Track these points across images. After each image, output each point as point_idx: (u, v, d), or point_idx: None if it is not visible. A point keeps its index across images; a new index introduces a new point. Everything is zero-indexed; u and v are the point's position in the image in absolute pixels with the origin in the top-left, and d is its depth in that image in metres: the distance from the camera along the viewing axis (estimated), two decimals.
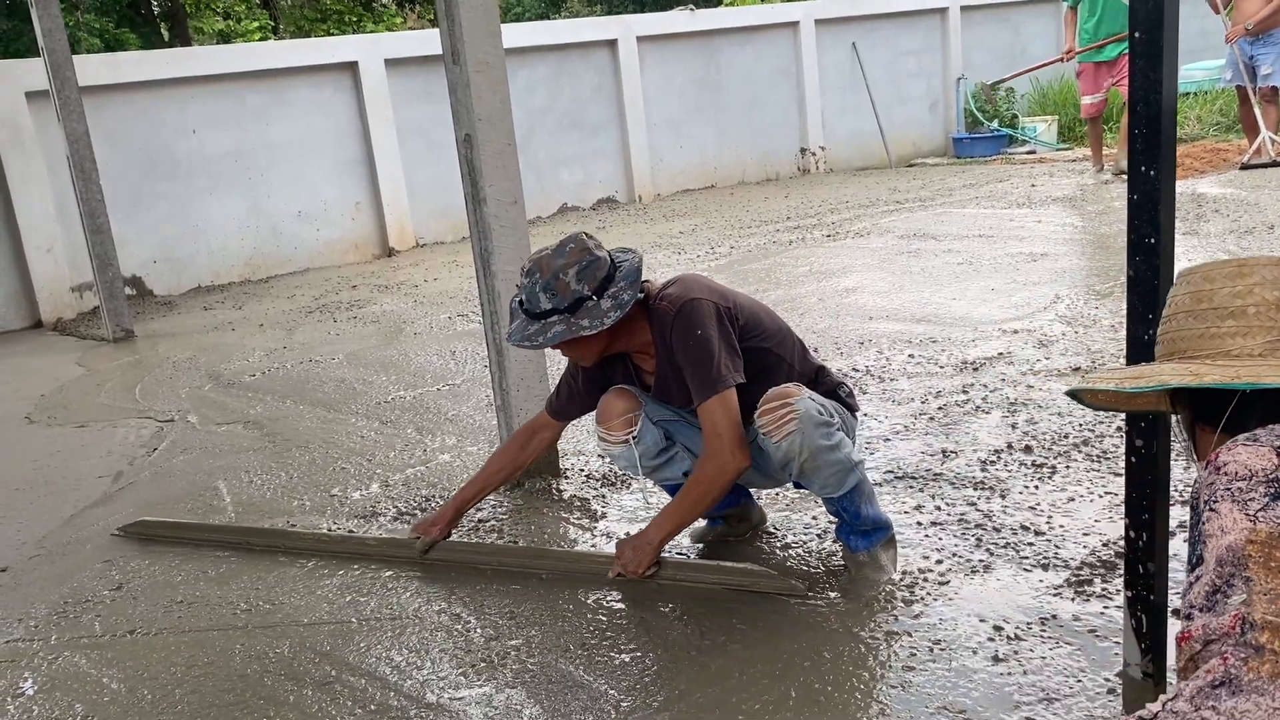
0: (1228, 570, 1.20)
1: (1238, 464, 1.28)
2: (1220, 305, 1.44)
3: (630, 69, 10.81)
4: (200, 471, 4.17)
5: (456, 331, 6.14)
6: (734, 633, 2.57)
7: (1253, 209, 7.00)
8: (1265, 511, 1.22)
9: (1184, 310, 1.48)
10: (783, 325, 2.82)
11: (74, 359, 6.53)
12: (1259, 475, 1.26)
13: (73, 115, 6.69)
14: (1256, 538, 1.20)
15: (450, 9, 3.35)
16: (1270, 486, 1.25)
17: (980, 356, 4.54)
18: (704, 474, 2.65)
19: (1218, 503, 1.27)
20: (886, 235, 7.71)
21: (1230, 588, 1.19)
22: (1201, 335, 1.45)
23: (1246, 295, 1.43)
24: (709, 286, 2.71)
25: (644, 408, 2.81)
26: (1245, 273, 1.44)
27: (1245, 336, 1.41)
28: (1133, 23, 1.85)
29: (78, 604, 3.09)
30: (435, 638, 2.70)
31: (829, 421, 2.60)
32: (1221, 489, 1.28)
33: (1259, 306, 1.42)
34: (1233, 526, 1.23)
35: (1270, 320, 1.41)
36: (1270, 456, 1.27)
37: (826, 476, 2.62)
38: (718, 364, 2.58)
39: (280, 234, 8.97)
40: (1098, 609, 2.50)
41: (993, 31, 13.41)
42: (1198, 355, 1.45)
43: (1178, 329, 1.48)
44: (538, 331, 2.64)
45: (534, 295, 2.63)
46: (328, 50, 9.30)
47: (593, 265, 2.63)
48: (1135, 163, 1.89)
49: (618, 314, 2.59)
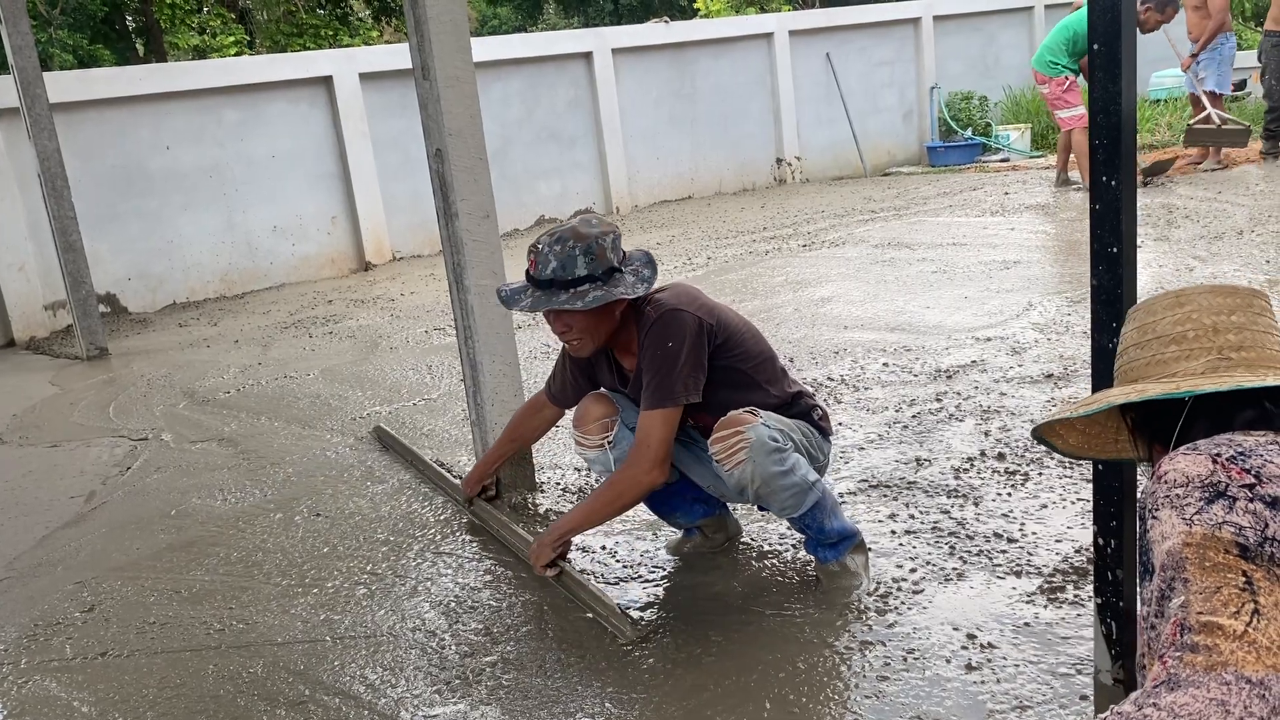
0: (1169, 575, 1.24)
1: (1176, 472, 1.34)
2: (1163, 334, 1.53)
3: (606, 81, 10.84)
4: (174, 490, 4.14)
5: (433, 345, 6.12)
6: (709, 645, 2.57)
7: (1221, 215, 7.08)
8: (1199, 515, 1.27)
9: (1132, 344, 1.57)
10: (766, 350, 2.81)
11: (47, 378, 6.47)
12: (1194, 481, 1.31)
13: (44, 133, 6.64)
14: (1192, 539, 1.25)
15: (420, 25, 3.36)
16: (1204, 491, 1.29)
17: (954, 364, 4.56)
18: (618, 479, 2.67)
19: (1159, 510, 1.32)
20: (861, 244, 7.75)
21: (1171, 591, 1.23)
22: (1149, 363, 1.53)
23: (1186, 322, 1.52)
24: (698, 300, 2.72)
25: (621, 414, 2.82)
26: (1183, 302, 1.54)
27: (1188, 359, 1.50)
28: (1091, 35, 1.87)
29: (48, 626, 3.06)
30: (409, 655, 2.68)
31: (781, 448, 2.59)
32: (1162, 496, 1.32)
33: (1198, 330, 1.50)
34: (1171, 531, 1.27)
35: (1209, 342, 1.49)
36: (1205, 463, 1.33)
37: (783, 500, 2.63)
38: (675, 378, 2.59)
39: (256, 249, 8.93)
40: (1070, 615, 2.52)
41: (966, 41, 13.53)
42: (1145, 380, 1.53)
43: (1128, 362, 1.57)
44: (573, 297, 2.57)
45: (570, 259, 2.58)
46: (302, 65, 9.28)
47: (619, 240, 2.68)
48: (1097, 173, 1.91)
49: (645, 287, 2.62)
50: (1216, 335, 1.49)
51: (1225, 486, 1.29)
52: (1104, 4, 1.85)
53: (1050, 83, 8.74)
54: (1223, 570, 1.21)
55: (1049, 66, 8.70)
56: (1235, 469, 1.31)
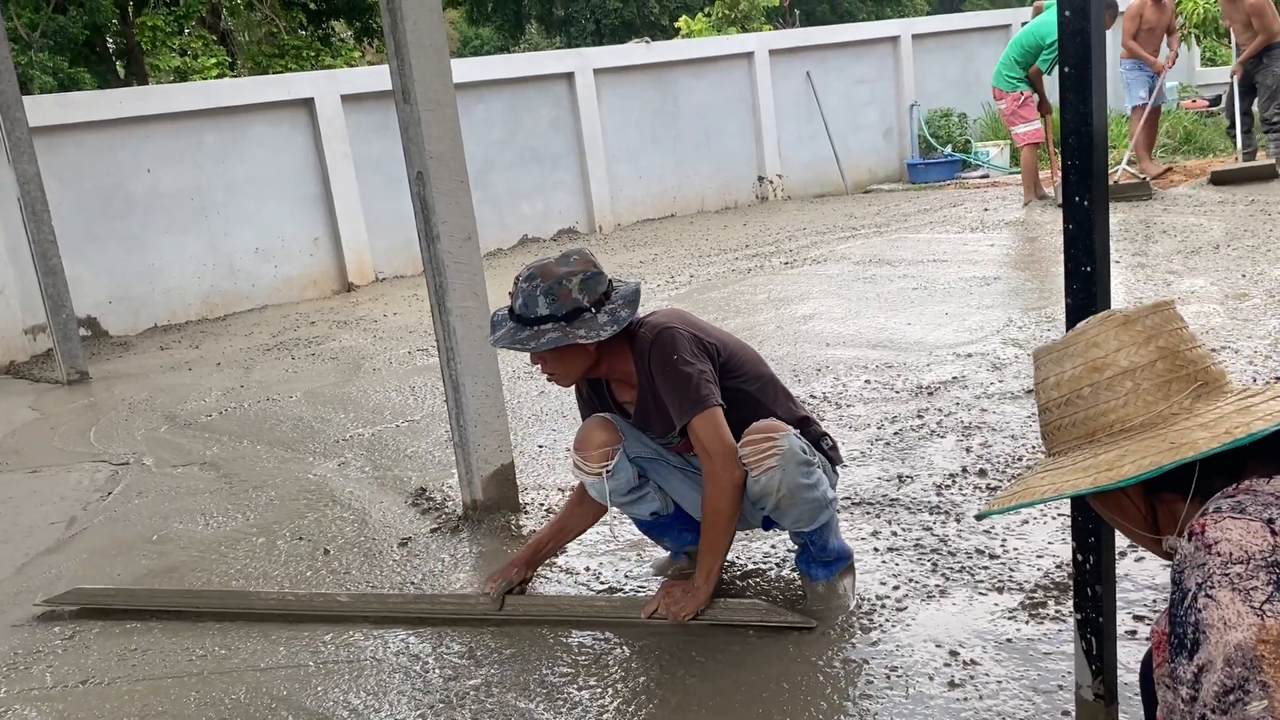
0: (1238, 672, 1.13)
1: (1231, 544, 1.20)
2: (1093, 390, 1.42)
3: (588, 101, 10.89)
4: (156, 515, 4.12)
5: (416, 366, 6.12)
6: (693, 666, 2.57)
7: (1198, 230, 7.15)
8: (1271, 604, 1.14)
9: (1055, 403, 1.46)
10: (767, 373, 2.81)
11: (27, 402, 6.43)
12: (1256, 559, 1.18)
13: (23, 156, 6.62)
14: (1268, 637, 1.13)
15: (400, 49, 3.37)
16: (1271, 572, 1.16)
17: (935, 381, 4.59)
18: (708, 501, 2.63)
19: (1215, 589, 1.18)
20: (843, 261, 7.79)
21: (1246, 694, 1.12)
22: (1088, 417, 1.42)
23: (1106, 368, 1.41)
24: (688, 320, 2.73)
25: (623, 442, 2.79)
26: (1098, 342, 1.43)
27: (1131, 405, 1.39)
28: (1062, 58, 1.89)
29: (28, 654, 3.03)
30: (393, 680, 2.67)
31: (810, 461, 2.60)
32: (1218, 574, 1.18)
33: (1167, 360, 1.41)
34: (1238, 621, 1.15)
35: (1180, 371, 1.40)
36: (1263, 534, 1.20)
37: (800, 513, 2.63)
38: (696, 384, 2.58)
39: (238, 271, 8.91)
40: (1052, 631, 2.53)
41: (944, 59, 13.65)
42: (1095, 436, 1.41)
43: (1083, 413, 1.44)
44: (530, 337, 2.59)
45: (532, 299, 2.59)
46: (284, 87, 9.28)
47: (595, 279, 2.64)
48: (1069, 193, 1.94)
49: (614, 328, 2.58)
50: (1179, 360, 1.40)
51: None
52: (1074, 26, 1.88)
53: (1007, 98, 8.98)
54: None
55: (1005, 81, 8.95)
56: None
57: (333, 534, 3.72)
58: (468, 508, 3.71)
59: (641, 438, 2.83)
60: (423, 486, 4.08)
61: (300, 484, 4.29)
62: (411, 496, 4.00)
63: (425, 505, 3.90)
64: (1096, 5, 1.86)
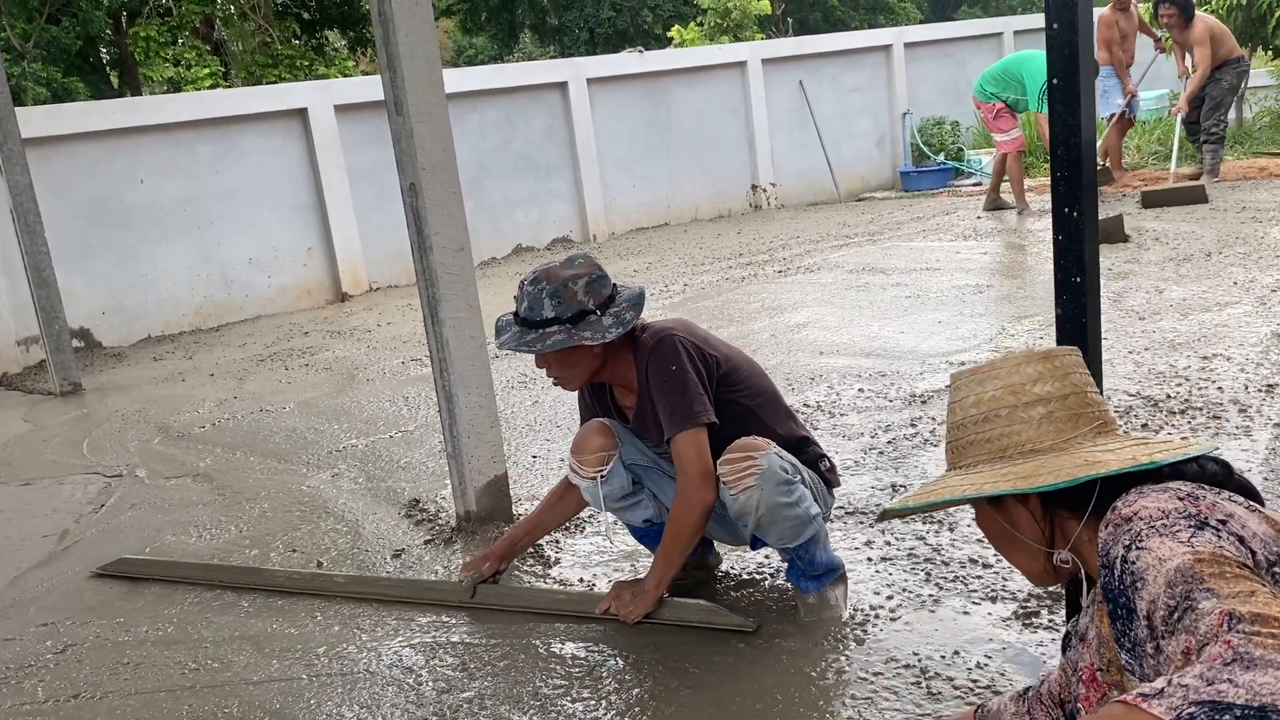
0: (1181, 589, 1.19)
1: (1147, 509, 1.32)
2: (1010, 411, 1.55)
3: (581, 110, 10.91)
4: (149, 527, 4.11)
5: (410, 376, 6.11)
6: (686, 677, 2.56)
7: (1190, 237, 7.17)
8: (1195, 538, 1.25)
9: (973, 420, 1.58)
10: (769, 389, 2.82)
11: (20, 414, 6.41)
12: (1174, 513, 1.30)
13: (16, 168, 6.62)
14: (1201, 556, 1.21)
15: (392, 61, 3.38)
16: (1189, 520, 1.28)
17: (928, 389, 4.60)
18: (675, 514, 2.67)
19: (1144, 540, 1.28)
20: (836, 270, 7.81)
21: (1192, 600, 1.17)
22: (1003, 434, 1.54)
23: (1024, 393, 1.54)
24: (693, 330, 2.74)
25: (620, 447, 2.80)
26: (1019, 370, 1.57)
27: (1044, 429, 1.53)
28: (1051, 70, 1.91)
29: (20, 669, 3.02)
30: (386, 693, 2.67)
31: (790, 480, 2.59)
32: (1144, 529, 1.30)
33: (1070, 398, 1.55)
34: (1171, 554, 1.23)
35: (1085, 409, 1.54)
36: (1173, 500, 1.32)
37: (782, 530, 2.63)
38: (689, 399, 2.59)
39: (231, 282, 8.90)
40: (1046, 639, 2.53)
41: (937, 67, 13.70)
42: (1006, 453, 1.54)
43: (998, 432, 1.56)
44: (536, 339, 2.61)
45: (538, 302, 2.61)
46: (277, 97, 9.29)
47: (599, 281, 2.66)
48: (1059, 204, 1.95)
49: (619, 330, 2.60)
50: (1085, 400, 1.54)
51: (1205, 518, 1.29)
52: (1062, 40, 1.89)
53: (983, 108, 9.33)
54: (1244, 580, 1.18)
55: (981, 92, 9.26)
56: (1204, 505, 1.31)
57: (326, 546, 3.72)
58: (461, 519, 3.71)
59: (639, 444, 2.84)
60: (416, 498, 4.07)
61: (293, 495, 4.28)
62: (405, 508, 4.00)
63: (419, 517, 3.89)
64: (1085, 19, 1.88)
